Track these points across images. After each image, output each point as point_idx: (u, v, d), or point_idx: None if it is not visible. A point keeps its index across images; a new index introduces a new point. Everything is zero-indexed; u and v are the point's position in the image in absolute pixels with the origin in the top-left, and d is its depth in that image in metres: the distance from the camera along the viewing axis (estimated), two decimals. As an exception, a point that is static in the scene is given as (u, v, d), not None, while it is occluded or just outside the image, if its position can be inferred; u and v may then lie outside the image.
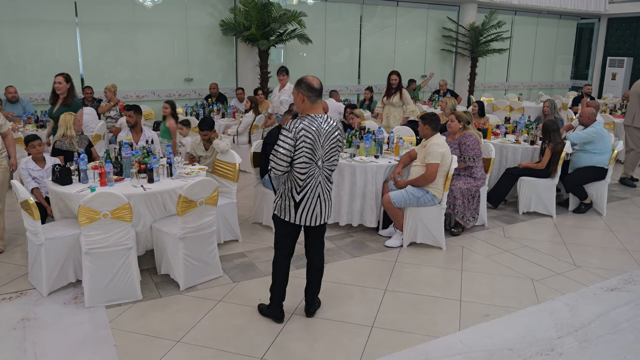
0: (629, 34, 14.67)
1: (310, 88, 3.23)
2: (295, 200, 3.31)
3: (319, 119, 3.24)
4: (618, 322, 3.63)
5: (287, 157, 3.18)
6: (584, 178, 6.03)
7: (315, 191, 3.33)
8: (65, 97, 5.52)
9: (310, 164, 3.25)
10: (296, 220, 3.35)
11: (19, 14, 8.26)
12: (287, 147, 3.17)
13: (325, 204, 3.41)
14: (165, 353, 3.19)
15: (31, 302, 3.78)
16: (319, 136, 3.22)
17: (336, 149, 3.35)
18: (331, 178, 3.45)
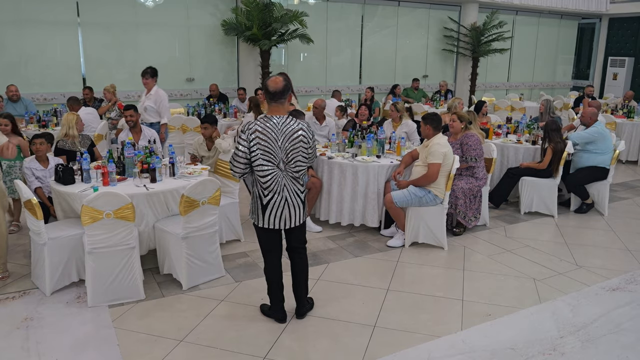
0: (630, 34, 14.66)
1: (265, 89, 3.24)
2: (263, 204, 3.30)
3: (274, 120, 3.19)
4: (620, 322, 3.63)
5: (242, 158, 3.19)
6: (585, 178, 6.03)
7: (281, 194, 3.28)
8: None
9: (270, 167, 3.20)
10: (264, 224, 3.33)
11: (20, 13, 8.27)
12: (242, 149, 3.17)
13: (295, 207, 3.34)
14: (168, 352, 3.19)
15: (34, 302, 3.79)
16: (275, 138, 3.16)
17: (299, 151, 3.23)
18: (300, 180, 3.36)
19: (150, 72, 6.48)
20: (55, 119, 7.42)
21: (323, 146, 5.97)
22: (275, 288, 3.54)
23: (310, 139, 3.31)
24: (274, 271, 3.50)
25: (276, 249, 3.48)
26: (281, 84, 3.22)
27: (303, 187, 3.40)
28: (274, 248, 3.47)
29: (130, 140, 5.21)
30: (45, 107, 8.18)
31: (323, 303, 3.84)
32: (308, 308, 3.72)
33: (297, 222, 3.41)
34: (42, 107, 8.10)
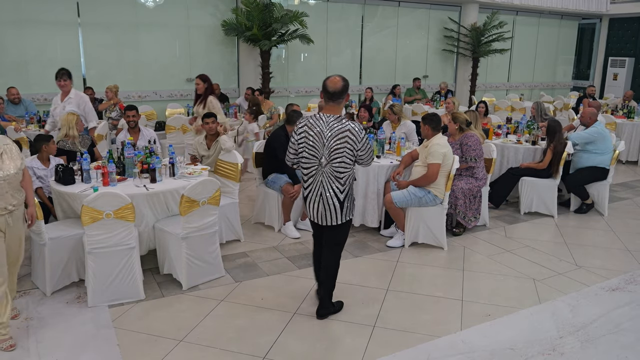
0: (630, 34, 14.66)
1: (324, 89, 3.33)
2: (304, 195, 3.53)
3: (324, 118, 3.31)
4: (619, 322, 3.64)
5: (292, 149, 3.46)
6: (585, 178, 6.04)
7: (317, 190, 3.39)
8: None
9: (313, 162, 3.36)
10: (307, 212, 3.55)
11: (21, 14, 8.28)
12: (292, 140, 3.44)
13: (330, 206, 3.36)
14: (168, 352, 3.20)
15: (34, 302, 3.80)
16: (321, 135, 3.28)
17: (343, 151, 3.26)
18: (341, 180, 3.35)
19: (68, 73, 5.85)
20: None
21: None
22: (316, 271, 3.73)
23: (358, 141, 3.28)
24: (314, 257, 3.72)
25: (318, 238, 3.65)
26: (340, 84, 3.27)
27: (344, 187, 3.38)
28: (316, 236, 3.67)
29: (131, 140, 5.22)
30: (45, 107, 8.18)
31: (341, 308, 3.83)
32: (330, 310, 3.67)
33: (331, 222, 3.42)
34: (42, 107, 8.12)
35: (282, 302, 3.84)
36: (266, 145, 5.32)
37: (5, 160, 3.07)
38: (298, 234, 5.17)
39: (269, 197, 5.32)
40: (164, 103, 9.57)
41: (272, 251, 4.84)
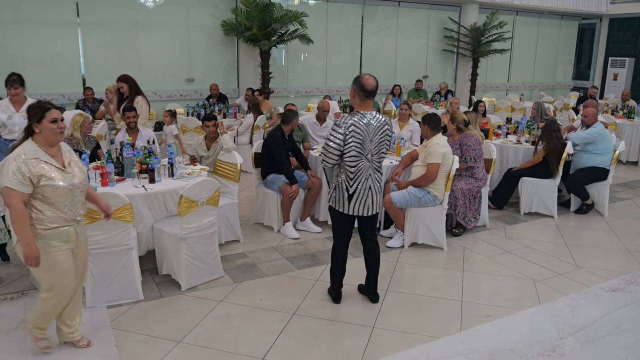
0: (630, 34, 14.66)
1: (361, 87, 3.42)
2: (349, 193, 3.53)
3: (368, 116, 3.44)
4: (619, 323, 3.62)
5: (337, 151, 3.42)
6: (585, 179, 6.03)
7: (367, 183, 3.54)
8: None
9: (360, 158, 3.45)
10: (349, 211, 3.57)
11: (20, 14, 8.27)
12: (338, 141, 3.40)
13: (376, 195, 3.61)
14: (167, 353, 3.19)
15: (32, 302, 3.78)
16: (368, 131, 3.42)
17: (385, 142, 3.54)
18: (381, 169, 3.64)
19: (20, 80, 5.11)
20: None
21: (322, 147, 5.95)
22: (338, 269, 3.79)
23: (392, 132, 3.67)
24: (342, 252, 3.77)
25: (350, 232, 3.76)
26: (375, 83, 3.46)
27: (382, 175, 3.69)
28: (348, 233, 3.75)
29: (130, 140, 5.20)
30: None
31: (321, 304, 3.84)
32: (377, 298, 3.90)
33: (377, 209, 3.68)
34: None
35: (281, 303, 3.83)
36: (263, 145, 5.31)
37: (75, 168, 2.94)
38: (297, 235, 5.16)
39: (268, 197, 5.31)
40: (164, 103, 9.56)
41: (272, 252, 4.83)
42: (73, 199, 2.89)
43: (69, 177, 2.86)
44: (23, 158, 2.74)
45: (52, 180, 2.78)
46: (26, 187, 2.72)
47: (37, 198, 2.78)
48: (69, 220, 2.90)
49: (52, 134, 2.81)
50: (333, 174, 3.59)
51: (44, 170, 2.76)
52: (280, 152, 5.14)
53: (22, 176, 2.70)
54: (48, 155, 2.82)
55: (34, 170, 2.73)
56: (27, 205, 2.77)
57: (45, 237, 2.82)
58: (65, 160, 2.92)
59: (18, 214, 2.71)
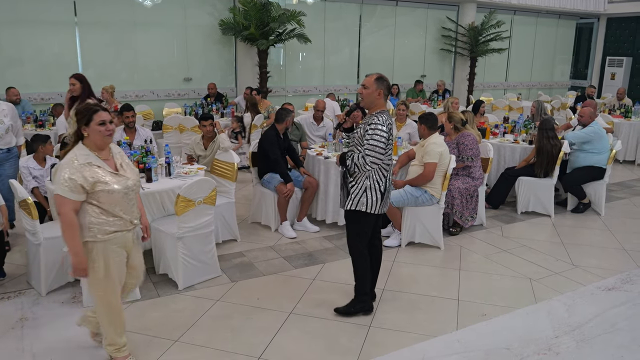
0: (628, 33, 14.68)
1: (388, 87, 3.43)
2: (382, 192, 3.47)
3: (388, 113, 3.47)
4: (615, 321, 3.64)
5: (384, 150, 3.35)
6: (582, 178, 6.04)
7: (390, 179, 3.54)
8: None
9: (391, 155, 3.48)
10: (380, 210, 3.50)
11: (17, 13, 8.26)
12: (385, 140, 3.34)
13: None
14: (163, 352, 3.19)
15: (29, 302, 3.79)
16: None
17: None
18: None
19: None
20: (52, 118, 7.42)
21: (320, 146, 5.97)
22: (369, 275, 3.70)
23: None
24: (368, 256, 3.67)
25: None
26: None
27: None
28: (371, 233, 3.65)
29: (127, 139, 5.21)
30: (42, 106, 8.17)
31: (318, 303, 3.84)
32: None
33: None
34: (39, 107, 8.09)
35: (278, 302, 3.84)
36: (258, 145, 5.32)
37: (127, 170, 2.84)
38: (294, 234, 5.17)
39: (265, 196, 5.32)
40: (161, 102, 9.56)
41: (269, 251, 4.83)
42: (128, 202, 2.80)
43: (123, 180, 2.76)
44: (75, 164, 2.63)
45: (107, 185, 2.67)
46: (78, 194, 2.61)
47: (92, 204, 2.68)
48: (127, 224, 2.81)
49: (100, 137, 2.70)
50: (362, 176, 3.42)
51: (98, 175, 2.66)
52: (275, 152, 5.15)
53: (74, 184, 2.60)
54: (100, 159, 2.72)
55: (88, 176, 2.62)
56: (80, 212, 2.68)
57: (103, 241, 2.73)
58: (117, 163, 2.82)
59: (68, 223, 2.62)
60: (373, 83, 3.38)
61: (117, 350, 2.99)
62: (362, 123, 3.47)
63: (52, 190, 2.64)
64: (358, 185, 3.45)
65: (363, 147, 3.35)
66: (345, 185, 3.53)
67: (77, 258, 2.67)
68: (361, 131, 3.41)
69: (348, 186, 3.50)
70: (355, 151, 3.43)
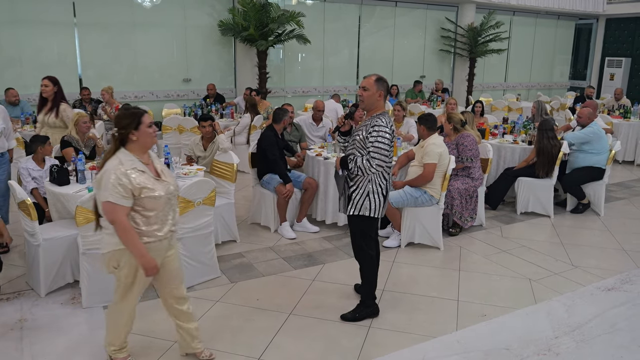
0: (627, 34, 14.70)
1: (387, 88, 3.42)
2: (384, 195, 3.44)
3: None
4: (615, 322, 3.64)
5: (388, 152, 3.32)
6: (581, 178, 6.04)
7: (390, 181, 3.50)
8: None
9: (392, 157, 3.42)
10: (382, 213, 3.48)
11: (17, 14, 8.26)
12: (389, 142, 3.32)
13: None
14: (163, 353, 3.19)
15: (29, 303, 3.78)
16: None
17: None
18: None
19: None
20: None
21: (319, 147, 5.98)
22: (376, 279, 3.67)
23: None
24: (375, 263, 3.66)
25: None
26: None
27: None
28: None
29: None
30: (41, 107, 8.16)
31: (318, 304, 3.84)
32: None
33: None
34: (38, 108, 8.08)
35: (277, 303, 3.83)
36: (257, 145, 5.32)
37: (167, 176, 2.80)
38: (294, 235, 5.17)
39: (264, 197, 5.32)
40: (161, 103, 9.56)
41: (268, 252, 4.83)
42: (170, 207, 2.77)
43: (165, 185, 2.73)
44: (122, 170, 2.58)
45: (152, 191, 2.64)
46: (128, 200, 2.59)
47: (136, 210, 2.65)
48: (166, 233, 2.77)
49: (150, 138, 2.68)
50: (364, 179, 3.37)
51: (144, 181, 2.63)
52: (274, 152, 5.15)
53: (124, 189, 2.55)
54: (143, 164, 2.69)
55: (135, 182, 2.59)
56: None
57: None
58: (157, 168, 2.79)
59: (125, 229, 2.59)
60: (373, 85, 3.34)
61: (118, 351, 2.99)
62: (362, 125, 3.42)
63: (99, 198, 2.60)
64: (360, 190, 3.40)
65: (366, 149, 3.30)
66: (346, 190, 3.48)
67: (144, 259, 2.65)
68: (363, 133, 3.35)
69: (348, 191, 3.45)
70: (356, 154, 3.37)
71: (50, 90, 5.18)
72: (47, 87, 5.17)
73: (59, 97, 5.26)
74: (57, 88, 5.24)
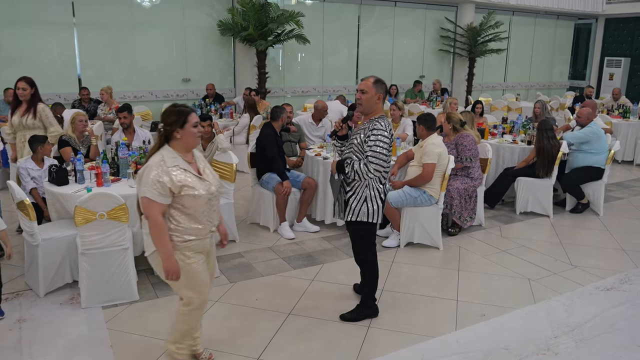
0: (626, 34, 14.70)
1: (386, 90, 3.38)
2: (382, 199, 3.39)
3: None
4: (614, 321, 3.64)
5: (386, 156, 3.26)
6: (581, 178, 6.04)
7: (387, 184, 3.45)
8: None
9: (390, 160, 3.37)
10: (379, 217, 3.42)
11: (16, 14, 8.25)
12: (387, 146, 3.25)
13: None
14: (162, 354, 3.18)
15: (27, 303, 3.78)
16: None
17: None
18: None
19: None
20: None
21: (318, 147, 5.97)
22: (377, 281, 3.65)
23: None
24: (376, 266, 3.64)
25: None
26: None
27: None
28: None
29: (125, 141, 5.20)
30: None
31: (317, 304, 3.84)
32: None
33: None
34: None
35: (276, 303, 3.83)
36: (256, 144, 5.32)
37: (209, 175, 2.77)
38: (293, 235, 5.16)
39: (264, 197, 5.32)
40: (160, 103, 9.55)
41: (267, 252, 4.83)
42: (210, 208, 2.74)
43: (207, 185, 2.70)
44: (164, 167, 2.57)
45: (193, 189, 2.62)
46: (166, 198, 2.57)
47: (175, 208, 2.63)
48: (206, 232, 2.76)
49: (194, 138, 2.67)
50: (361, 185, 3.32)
51: (185, 179, 2.60)
52: (273, 150, 5.15)
53: (162, 187, 2.55)
54: (186, 162, 2.67)
55: (176, 180, 2.57)
56: (164, 216, 2.62)
57: (182, 248, 2.67)
58: (200, 167, 2.77)
59: (158, 226, 2.57)
60: (372, 87, 3.29)
61: (179, 351, 2.94)
62: (360, 128, 3.34)
63: (139, 193, 2.63)
64: (357, 196, 3.35)
65: (364, 153, 3.24)
66: (342, 195, 3.42)
67: (169, 261, 2.61)
68: (361, 137, 3.28)
69: (345, 196, 3.40)
70: (354, 158, 3.31)
71: (28, 94, 5.05)
72: (25, 90, 5.02)
73: (36, 97, 5.13)
74: (34, 90, 5.11)
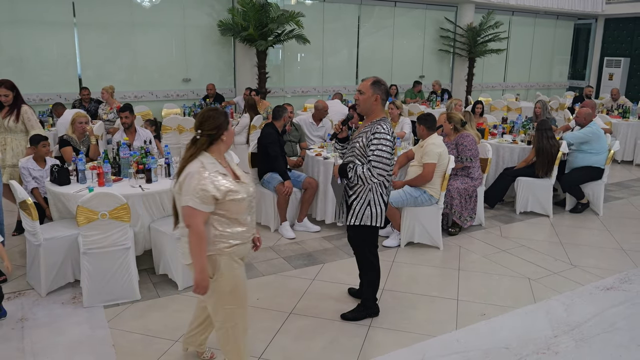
0: (625, 34, 14.72)
1: (386, 92, 3.34)
2: (385, 202, 3.37)
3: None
4: (614, 321, 3.65)
5: (389, 159, 3.22)
6: (580, 178, 6.06)
7: (390, 186, 3.42)
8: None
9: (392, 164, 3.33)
10: (382, 220, 3.40)
11: (16, 14, 8.26)
12: (390, 150, 3.22)
13: None
14: (164, 353, 3.19)
15: (29, 302, 3.79)
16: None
17: None
18: None
19: None
20: (51, 119, 7.42)
21: (319, 147, 5.99)
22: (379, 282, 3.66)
23: None
24: (378, 268, 3.63)
25: None
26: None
27: None
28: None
29: (126, 140, 5.21)
30: (41, 107, 8.17)
31: (317, 303, 3.85)
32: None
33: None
34: (38, 108, 8.07)
35: (277, 302, 3.84)
36: (258, 143, 5.33)
37: (245, 178, 2.68)
38: (294, 235, 5.18)
39: (265, 197, 5.33)
40: (160, 103, 9.57)
41: (268, 251, 4.84)
42: (251, 209, 2.68)
43: (246, 187, 2.62)
44: (206, 174, 2.47)
45: (237, 194, 2.53)
46: (209, 206, 2.47)
47: (219, 214, 2.53)
48: (250, 235, 2.69)
49: (232, 139, 2.63)
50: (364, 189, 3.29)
51: (228, 185, 2.51)
52: (275, 149, 5.17)
53: (206, 195, 2.44)
54: (222, 166, 2.59)
55: (219, 186, 2.48)
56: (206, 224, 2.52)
57: (229, 254, 2.58)
58: (235, 171, 2.70)
59: (199, 236, 2.46)
60: (369, 88, 3.26)
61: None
62: (362, 132, 3.30)
63: (179, 203, 2.54)
64: (360, 200, 3.32)
65: (367, 157, 3.21)
66: (345, 199, 3.40)
67: (202, 275, 2.50)
68: (363, 140, 3.24)
69: (348, 200, 3.38)
70: (356, 162, 3.28)
71: (11, 99, 4.94)
72: (8, 96, 4.92)
73: (18, 100, 5.03)
74: (15, 92, 5.00)
